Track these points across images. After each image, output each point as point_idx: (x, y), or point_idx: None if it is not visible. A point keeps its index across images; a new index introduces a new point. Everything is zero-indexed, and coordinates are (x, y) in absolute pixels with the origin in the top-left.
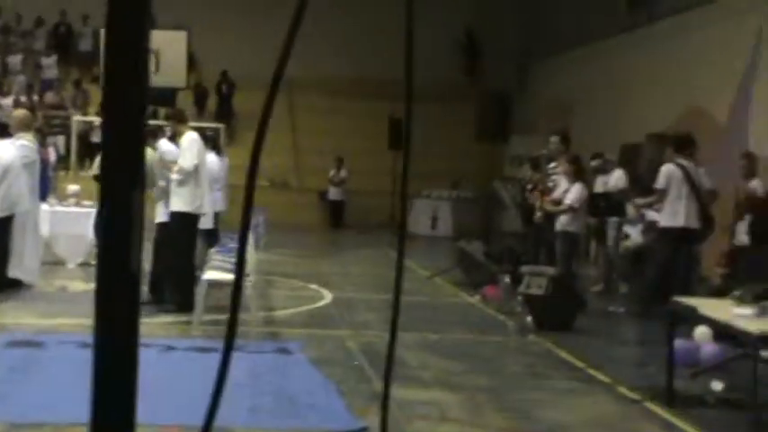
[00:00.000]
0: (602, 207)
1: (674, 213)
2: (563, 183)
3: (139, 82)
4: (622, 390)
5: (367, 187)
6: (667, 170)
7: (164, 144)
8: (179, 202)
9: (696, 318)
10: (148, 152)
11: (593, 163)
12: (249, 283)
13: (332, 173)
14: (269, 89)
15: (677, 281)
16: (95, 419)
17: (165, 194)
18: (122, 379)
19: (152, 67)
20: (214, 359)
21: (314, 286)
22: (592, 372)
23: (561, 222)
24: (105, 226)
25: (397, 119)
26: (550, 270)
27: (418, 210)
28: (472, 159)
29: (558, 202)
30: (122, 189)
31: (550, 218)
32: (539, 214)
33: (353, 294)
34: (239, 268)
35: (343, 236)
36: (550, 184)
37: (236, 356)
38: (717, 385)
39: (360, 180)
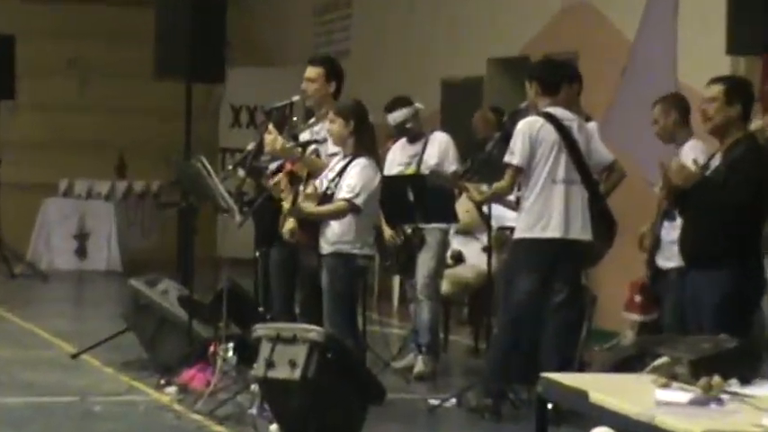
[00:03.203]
0: (410, 204)
1: (541, 213)
2: (333, 156)
3: None
4: None
5: None
6: (529, 129)
7: None
8: None
9: (590, 411)
10: None
11: (393, 117)
12: None
13: None
14: None
15: (552, 340)
16: None
17: None
18: None
19: None
20: None
21: None
22: None
23: (329, 236)
24: None
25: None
26: (312, 331)
27: (51, 218)
28: (157, 117)
29: (326, 197)
30: None
31: (311, 228)
32: (289, 225)
33: None
34: None
35: None
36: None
37: None
38: None
39: None
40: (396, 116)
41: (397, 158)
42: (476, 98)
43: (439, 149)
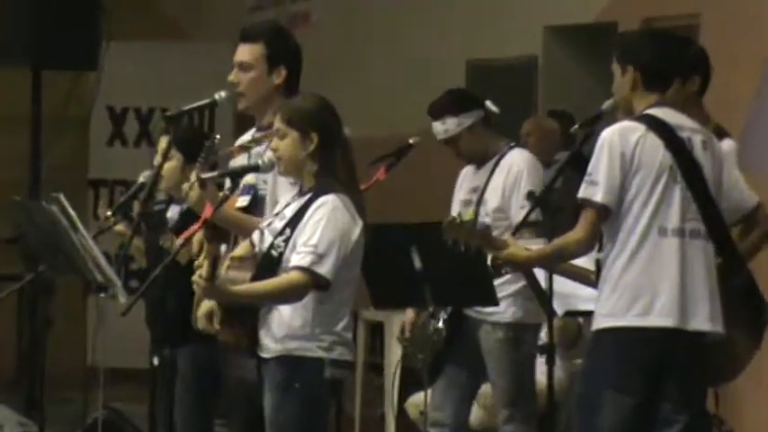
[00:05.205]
0: (415, 274)
1: (640, 286)
2: (284, 194)
3: None
4: None
5: None
6: (621, 142)
7: None
8: None
9: None
10: None
11: (457, 121)
12: None
13: None
14: None
15: None
16: None
17: None
18: None
19: None
20: None
21: None
22: None
23: (276, 330)
24: None
25: None
26: None
27: None
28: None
29: (270, 262)
30: None
31: (244, 316)
32: (206, 307)
33: None
34: None
35: None
36: (241, 201)
37: None
38: None
39: None
40: (463, 120)
41: (461, 192)
42: (526, 92)
43: (505, 181)
